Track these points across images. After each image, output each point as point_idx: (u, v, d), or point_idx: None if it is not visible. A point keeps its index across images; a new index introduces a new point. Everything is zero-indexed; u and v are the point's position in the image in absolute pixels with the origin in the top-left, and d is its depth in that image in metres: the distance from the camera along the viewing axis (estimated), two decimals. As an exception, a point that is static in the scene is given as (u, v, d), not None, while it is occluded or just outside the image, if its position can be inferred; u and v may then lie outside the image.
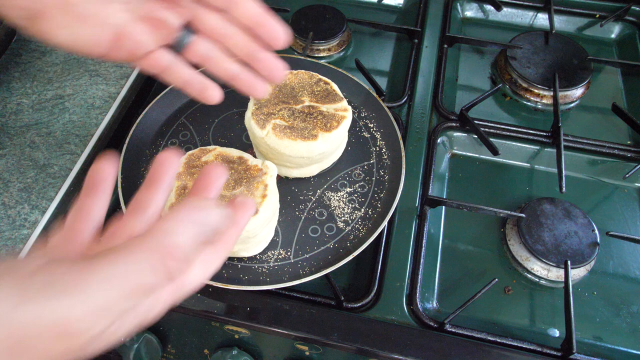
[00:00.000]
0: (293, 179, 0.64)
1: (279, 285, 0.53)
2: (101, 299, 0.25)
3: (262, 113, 0.60)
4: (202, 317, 0.54)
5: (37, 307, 0.23)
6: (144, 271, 0.26)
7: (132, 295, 0.26)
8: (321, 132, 0.59)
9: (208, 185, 0.34)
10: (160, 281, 0.27)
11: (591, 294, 0.59)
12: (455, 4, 0.90)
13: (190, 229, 0.28)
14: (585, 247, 0.59)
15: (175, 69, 0.43)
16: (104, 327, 0.25)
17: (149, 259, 0.26)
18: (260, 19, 0.42)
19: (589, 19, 0.88)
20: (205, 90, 0.44)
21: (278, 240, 0.59)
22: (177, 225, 0.28)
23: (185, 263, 0.28)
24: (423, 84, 0.76)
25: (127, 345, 0.54)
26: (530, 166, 0.71)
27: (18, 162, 0.66)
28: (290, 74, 0.65)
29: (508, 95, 0.79)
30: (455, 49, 0.84)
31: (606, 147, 0.69)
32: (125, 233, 0.30)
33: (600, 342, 0.55)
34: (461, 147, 0.72)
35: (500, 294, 0.59)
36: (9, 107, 0.72)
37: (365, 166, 0.65)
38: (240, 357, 0.54)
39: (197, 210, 0.29)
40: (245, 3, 0.41)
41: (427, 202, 0.62)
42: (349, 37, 0.86)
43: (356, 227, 0.59)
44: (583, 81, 0.77)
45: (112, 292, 0.25)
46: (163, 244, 0.27)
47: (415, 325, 0.54)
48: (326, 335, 0.51)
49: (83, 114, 0.72)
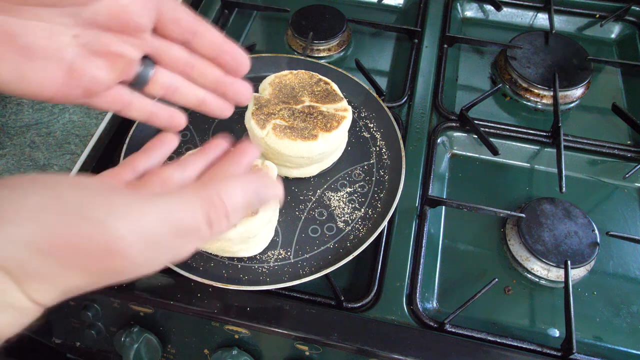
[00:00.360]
0: (293, 179, 0.64)
1: (279, 285, 0.53)
2: (152, 230, 0.28)
3: (262, 113, 0.60)
4: (202, 317, 0.54)
5: (98, 222, 0.26)
6: (191, 214, 0.29)
7: (177, 234, 0.29)
8: (321, 132, 0.59)
9: (242, 156, 0.37)
10: (202, 228, 0.30)
11: (591, 294, 0.59)
12: (455, 4, 0.90)
13: (241, 191, 0.31)
14: (585, 247, 0.59)
15: (137, 103, 0.41)
16: (147, 258, 0.28)
17: (199, 206, 0.29)
18: (224, 46, 0.41)
19: (589, 19, 0.88)
20: (174, 119, 0.43)
21: (278, 240, 0.59)
22: (230, 183, 0.31)
23: (225, 219, 0.31)
24: (423, 84, 0.76)
25: (127, 345, 0.54)
26: (530, 166, 0.71)
27: (18, 162, 0.66)
28: (290, 74, 0.65)
29: (508, 95, 0.79)
30: (455, 49, 0.84)
31: (606, 147, 0.69)
32: (160, 178, 0.34)
33: (600, 342, 0.55)
34: (461, 147, 0.72)
35: (500, 294, 0.59)
36: (9, 107, 0.72)
37: (365, 166, 0.65)
38: (240, 357, 0.54)
39: (254, 179, 0.32)
40: (207, 33, 0.40)
41: (427, 202, 0.62)
42: (349, 37, 0.86)
43: (356, 227, 0.59)
44: (583, 81, 0.77)
45: (162, 227, 0.28)
46: (213, 197, 0.30)
47: (415, 325, 0.54)
48: (326, 335, 0.51)
49: (83, 114, 0.72)
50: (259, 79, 0.67)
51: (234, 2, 0.90)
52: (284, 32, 0.88)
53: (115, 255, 0.27)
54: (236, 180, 0.32)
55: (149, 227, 0.28)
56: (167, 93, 0.41)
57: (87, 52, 0.35)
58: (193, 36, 0.40)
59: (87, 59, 0.35)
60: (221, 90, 0.43)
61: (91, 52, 0.35)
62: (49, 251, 0.26)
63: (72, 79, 0.35)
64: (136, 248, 0.27)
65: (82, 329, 0.57)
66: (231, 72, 0.43)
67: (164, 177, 0.33)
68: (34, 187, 0.27)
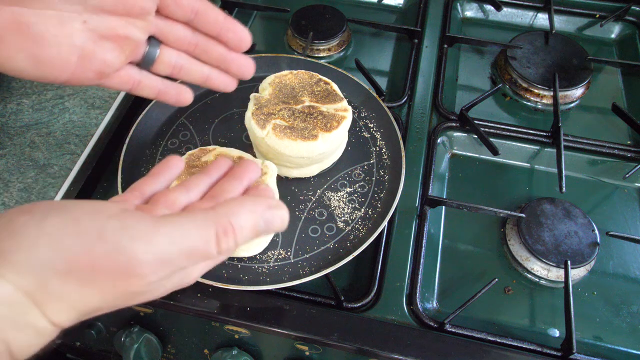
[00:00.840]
0: (293, 179, 0.64)
1: (279, 285, 0.53)
2: (164, 251, 0.29)
3: (262, 113, 0.60)
4: (202, 317, 0.54)
5: (114, 243, 0.28)
6: (200, 237, 0.30)
7: (188, 255, 0.30)
8: (321, 132, 0.59)
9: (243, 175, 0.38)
10: (211, 251, 0.30)
11: (591, 294, 0.59)
12: (455, 4, 0.90)
13: (252, 218, 0.32)
14: (585, 247, 0.59)
15: (146, 82, 0.43)
16: (159, 278, 0.29)
17: (208, 229, 0.30)
18: (225, 24, 0.43)
19: (589, 19, 0.88)
20: (181, 95, 0.46)
21: (278, 240, 0.59)
22: (242, 211, 0.32)
23: (234, 244, 0.32)
24: (423, 84, 0.76)
25: (127, 345, 0.55)
26: (530, 166, 0.71)
27: (18, 162, 0.66)
28: (290, 74, 0.65)
29: (508, 95, 0.79)
30: (455, 49, 0.84)
31: (606, 147, 0.69)
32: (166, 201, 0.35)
33: (600, 342, 0.55)
34: (461, 147, 0.72)
35: (500, 294, 0.59)
36: (9, 107, 0.72)
37: (365, 166, 0.65)
38: (240, 357, 0.54)
39: (265, 207, 0.33)
40: (208, 11, 0.42)
41: (427, 202, 0.62)
42: (349, 37, 0.86)
43: (356, 227, 0.59)
44: (583, 81, 0.77)
45: (174, 247, 0.29)
46: (223, 220, 0.31)
47: (415, 325, 0.54)
48: (326, 335, 0.51)
49: (83, 114, 0.72)
50: (259, 79, 0.67)
51: (234, 2, 0.90)
52: (284, 32, 0.88)
53: (131, 274, 0.28)
54: (246, 206, 0.32)
55: (162, 247, 0.29)
56: (173, 71, 0.44)
57: (96, 37, 0.38)
58: (195, 15, 0.42)
59: (97, 43, 0.38)
60: (225, 66, 0.45)
61: (100, 36, 0.38)
62: (68, 272, 0.27)
63: (84, 62, 0.38)
64: (150, 267, 0.28)
65: (82, 328, 0.57)
66: (234, 48, 0.45)
67: (170, 200, 0.34)
68: (50, 212, 0.28)
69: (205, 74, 0.45)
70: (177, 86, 0.46)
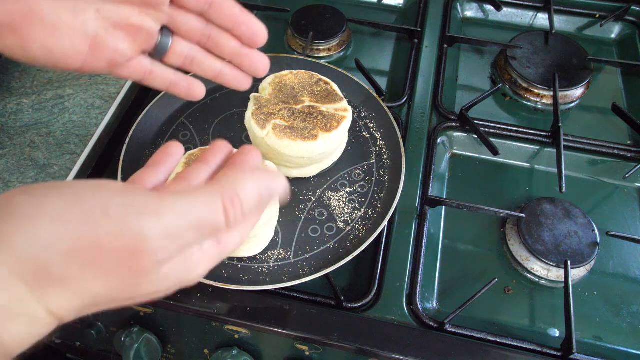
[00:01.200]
0: (293, 179, 0.64)
1: (279, 285, 0.53)
2: (172, 224, 0.28)
3: (262, 113, 0.60)
4: (202, 317, 0.54)
5: (119, 220, 0.26)
6: (208, 209, 0.30)
7: (197, 227, 0.29)
8: (321, 132, 0.59)
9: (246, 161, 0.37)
10: (220, 221, 0.30)
11: (591, 294, 0.59)
12: (455, 4, 0.90)
13: (255, 187, 0.32)
14: (585, 247, 0.59)
15: (158, 72, 0.43)
16: (168, 254, 0.28)
17: (215, 200, 0.30)
18: (240, 17, 0.42)
19: (589, 19, 0.88)
20: (192, 88, 0.45)
21: (278, 240, 0.59)
22: (244, 180, 0.32)
23: (241, 214, 0.31)
24: (423, 84, 0.76)
25: (127, 345, 0.55)
26: (530, 166, 0.71)
27: (18, 162, 0.66)
28: (290, 74, 0.65)
29: (508, 95, 0.79)
30: (455, 49, 0.84)
31: (606, 147, 0.69)
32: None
33: (600, 342, 0.55)
34: (461, 147, 0.72)
35: (500, 294, 0.59)
36: (9, 107, 0.72)
37: (365, 166, 0.65)
38: (240, 357, 0.54)
39: (263, 175, 0.33)
40: (223, 3, 0.41)
41: (427, 202, 0.62)
42: (349, 37, 0.86)
43: (356, 227, 0.59)
44: (583, 81, 0.77)
45: (182, 221, 0.28)
46: (228, 191, 0.31)
47: (415, 325, 0.54)
48: (326, 335, 0.51)
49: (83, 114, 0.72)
50: (259, 79, 0.67)
51: (234, 2, 0.90)
52: (284, 32, 0.88)
53: (139, 252, 0.27)
54: (248, 176, 0.33)
55: (170, 221, 0.28)
56: (185, 63, 0.43)
57: (109, 26, 0.37)
58: (209, 6, 0.41)
59: (110, 32, 0.38)
60: (238, 61, 0.44)
61: (113, 25, 0.38)
62: (71, 252, 0.25)
63: (97, 51, 0.38)
64: (159, 243, 0.27)
65: (82, 328, 0.57)
66: (248, 43, 0.44)
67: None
68: (50, 191, 0.27)
69: (218, 68, 0.44)
70: (189, 79, 0.45)
